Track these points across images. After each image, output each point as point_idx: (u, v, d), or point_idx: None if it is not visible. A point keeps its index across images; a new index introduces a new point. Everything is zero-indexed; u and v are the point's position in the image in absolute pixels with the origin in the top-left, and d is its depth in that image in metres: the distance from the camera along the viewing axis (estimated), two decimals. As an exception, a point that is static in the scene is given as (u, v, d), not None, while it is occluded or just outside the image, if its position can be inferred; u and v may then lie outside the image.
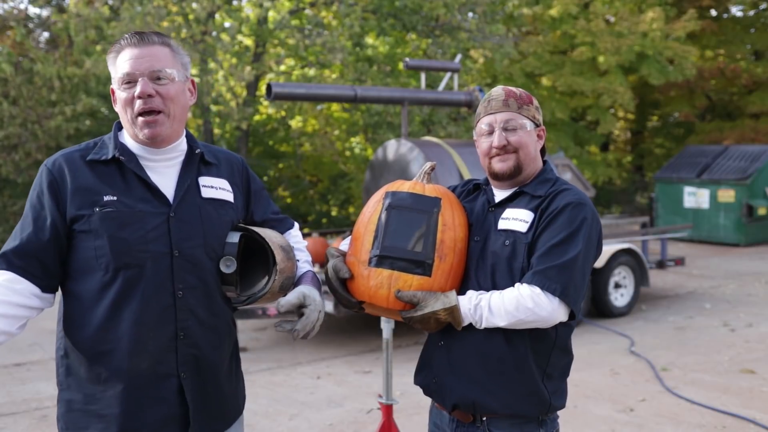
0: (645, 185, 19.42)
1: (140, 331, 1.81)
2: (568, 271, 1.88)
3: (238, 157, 2.13)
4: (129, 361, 1.81)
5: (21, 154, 11.17)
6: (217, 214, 1.94)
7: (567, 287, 1.88)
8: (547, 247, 1.91)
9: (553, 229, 1.93)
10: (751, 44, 18.64)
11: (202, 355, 1.88)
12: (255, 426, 4.76)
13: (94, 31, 10.93)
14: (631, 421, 4.74)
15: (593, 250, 1.99)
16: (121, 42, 1.88)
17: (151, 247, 1.82)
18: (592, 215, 1.97)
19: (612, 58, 14.85)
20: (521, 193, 2.05)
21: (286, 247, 2.02)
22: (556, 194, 1.99)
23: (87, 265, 1.82)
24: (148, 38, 1.87)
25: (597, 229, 2.00)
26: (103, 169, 1.86)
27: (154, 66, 1.84)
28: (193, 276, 1.86)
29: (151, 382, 1.83)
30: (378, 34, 13.29)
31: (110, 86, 1.95)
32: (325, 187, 15.80)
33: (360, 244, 2.02)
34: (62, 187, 1.82)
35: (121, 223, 1.81)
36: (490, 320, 1.91)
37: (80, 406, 1.84)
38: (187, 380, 1.86)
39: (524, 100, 2.06)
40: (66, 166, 1.84)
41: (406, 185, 2.07)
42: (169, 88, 1.86)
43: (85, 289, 1.83)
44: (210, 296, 1.91)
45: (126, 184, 1.85)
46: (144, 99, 1.83)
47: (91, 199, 1.81)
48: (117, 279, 1.80)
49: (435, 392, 2.08)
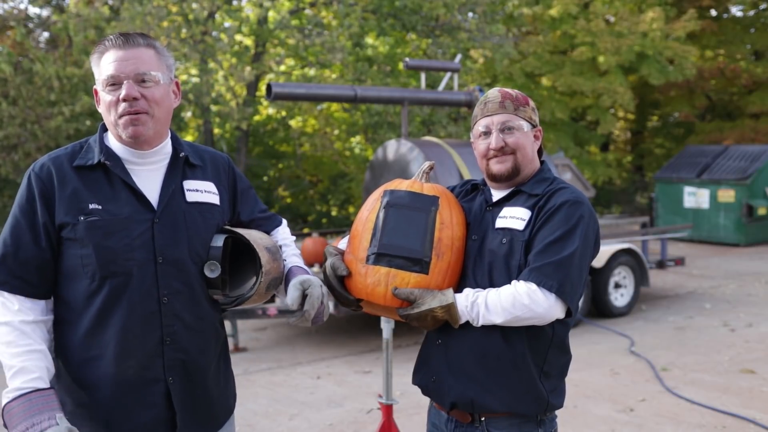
0: (645, 185, 19.42)
1: (126, 337, 1.81)
2: (565, 268, 1.89)
3: (224, 156, 2.12)
4: (116, 366, 1.81)
5: (21, 154, 11.17)
6: (203, 218, 1.93)
7: (563, 284, 1.88)
8: (543, 245, 1.91)
9: (550, 226, 1.94)
10: (751, 44, 18.63)
11: (189, 359, 1.89)
12: (255, 426, 4.76)
13: (93, 31, 10.93)
14: (631, 421, 4.74)
15: (590, 247, 2.00)
16: (106, 43, 1.86)
17: (136, 255, 1.82)
18: (589, 213, 1.98)
19: (612, 58, 14.84)
20: (518, 192, 2.06)
21: (272, 248, 2.01)
22: (553, 192, 2.00)
23: (74, 272, 1.82)
24: (133, 40, 1.85)
25: (594, 228, 2.00)
26: (89, 175, 1.85)
27: (139, 69, 1.83)
28: (178, 281, 1.86)
29: (139, 387, 1.83)
30: (378, 34, 13.29)
31: (94, 87, 1.94)
32: (325, 187, 15.80)
33: (358, 242, 2.03)
34: (51, 192, 1.82)
35: (106, 232, 1.80)
36: (487, 317, 1.91)
37: (70, 409, 1.84)
38: (174, 385, 1.86)
39: (520, 102, 2.07)
40: (54, 171, 1.83)
41: (405, 184, 2.08)
42: (154, 90, 1.85)
43: (73, 295, 1.83)
44: (196, 300, 1.90)
45: (112, 190, 1.85)
46: (129, 102, 1.82)
47: (78, 206, 1.81)
48: (104, 287, 1.80)
49: (433, 391, 2.08)
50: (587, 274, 2.05)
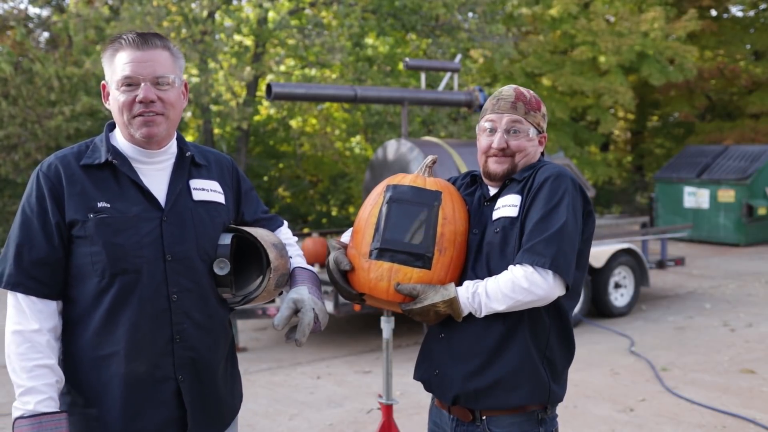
0: (645, 185, 19.42)
1: (137, 335, 1.81)
2: (555, 242, 1.89)
3: (227, 158, 2.14)
4: (126, 365, 1.81)
5: (21, 154, 11.17)
6: (209, 217, 1.95)
7: (556, 257, 1.88)
8: (533, 224, 1.93)
9: (536, 204, 1.95)
10: (750, 44, 18.63)
11: (198, 357, 1.89)
12: (255, 426, 4.76)
13: (93, 30, 10.93)
14: (631, 421, 4.73)
15: (579, 219, 2.00)
16: (121, 41, 1.86)
17: (145, 252, 1.82)
18: (573, 185, 1.99)
19: (612, 57, 14.84)
20: (510, 181, 2.07)
21: (279, 245, 2.02)
22: (536, 171, 2.02)
23: (83, 270, 1.82)
24: (150, 41, 1.86)
25: (580, 199, 2.01)
26: (97, 174, 1.85)
27: (156, 71, 1.84)
28: (187, 279, 1.87)
29: (149, 385, 1.83)
30: (378, 34, 13.29)
31: (102, 82, 1.94)
32: (325, 187, 15.80)
33: (361, 237, 2.03)
34: (61, 191, 1.82)
35: (115, 229, 1.81)
36: (489, 306, 1.92)
37: (80, 410, 1.84)
38: (184, 383, 1.87)
39: (533, 106, 2.07)
40: (62, 169, 1.84)
41: (408, 179, 2.08)
42: (169, 93, 1.87)
43: (81, 294, 1.83)
44: (205, 298, 1.91)
45: (120, 189, 1.85)
46: (146, 104, 1.83)
47: (87, 204, 1.81)
48: (113, 285, 1.81)
49: (436, 385, 2.09)
50: (587, 253, 2.06)
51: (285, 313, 1.93)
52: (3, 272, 1.80)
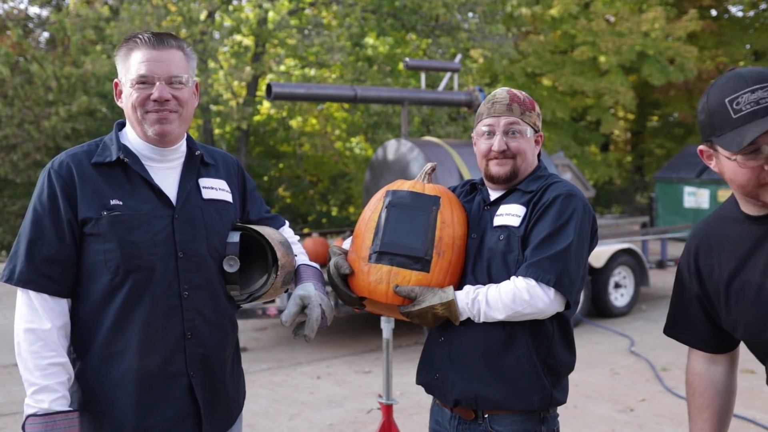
0: (645, 185, 19.43)
1: (149, 331, 1.83)
2: (561, 261, 1.90)
3: (233, 158, 2.17)
4: (139, 361, 1.83)
5: (19, 154, 11.17)
6: (218, 215, 1.98)
7: (561, 277, 1.90)
8: (539, 239, 1.93)
9: (545, 220, 1.95)
10: (750, 44, 18.64)
11: (209, 353, 1.92)
12: (255, 426, 4.76)
13: (92, 30, 10.93)
14: (631, 421, 4.73)
15: (587, 239, 2.01)
16: (137, 40, 1.88)
17: (158, 249, 1.84)
18: (583, 206, 2.00)
19: (613, 57, 14.85)
20: (514, 189, 2.08)
21: (285, 243, 2.06)
22: (547, 187, 2.02)
23: (94, 268, 1.83)
24: (165, 41, 1.89)
25: (589, 219, 2.02)
26: (109, 172, 1.87)
27: (172, 71, 1.87)
28: (198, 276, 1.90)
29: (162, 382, 1.85)
30: (378, 34, 13.29)
31: (114, 80, 1.96)
32: (325, 187, 15.81)
33: (361, 241, 2.05)
34: (73, 189, 1.83)
35: (129, 226, 1.83)
36: (488, 314, 1.93)
37: (93, 407, 1.85)
38: (196, 379, 1.89)
39: (527, 106, 2.09)
40: (74, 167, 1.85)
41: (407, 184, 2.11)
42: (183, 92, 1.90)
43: (91, 292, 1.84)
44: (215, 295, 1.94)
45: (131, 187, 1.87)
46: (161, 103, 1.86)
47: (99, 202, 1.83)
48: (127, 282, 1.82)
49: (437, 389, 2.09)
50: (586, 265, 2.06)
51: (292, 309, 1.95)
52: (14, 269, 1.81)
